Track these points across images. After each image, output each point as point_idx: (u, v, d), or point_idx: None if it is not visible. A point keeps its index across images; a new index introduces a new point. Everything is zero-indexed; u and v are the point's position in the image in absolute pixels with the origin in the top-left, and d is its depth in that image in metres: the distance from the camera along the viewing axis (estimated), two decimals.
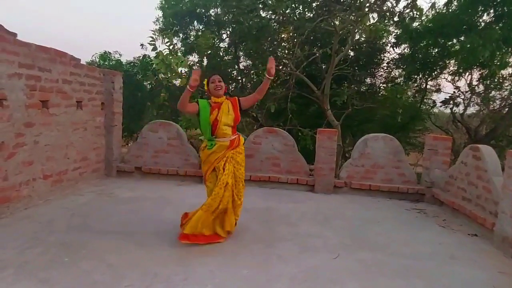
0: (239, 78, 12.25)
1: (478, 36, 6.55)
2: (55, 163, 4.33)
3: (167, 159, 5.54)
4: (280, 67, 10.47)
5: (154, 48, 8.47)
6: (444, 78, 11.00)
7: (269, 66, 3.12)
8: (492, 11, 7.75)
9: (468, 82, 9.75)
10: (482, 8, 7.76)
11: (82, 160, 4.89)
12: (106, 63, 11.59)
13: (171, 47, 8.98)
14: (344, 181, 5.27)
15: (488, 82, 8.45)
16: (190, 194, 4.84)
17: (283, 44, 10.16)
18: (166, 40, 9.01)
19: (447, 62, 9.82)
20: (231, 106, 3.22)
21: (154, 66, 8.26)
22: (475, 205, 4.09)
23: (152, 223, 3.64)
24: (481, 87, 10.00)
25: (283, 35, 8.38)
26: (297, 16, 9.77)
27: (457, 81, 9.61)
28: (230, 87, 12.70)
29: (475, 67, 8.03)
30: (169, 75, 8.17)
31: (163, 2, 12.36)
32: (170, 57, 8.76)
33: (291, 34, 9.07)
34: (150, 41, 8.55)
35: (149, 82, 11.08)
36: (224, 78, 11.52)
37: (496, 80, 8.23)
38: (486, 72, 8.01)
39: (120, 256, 2.89)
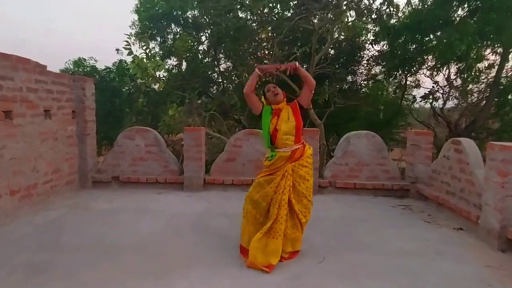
0: (220, 80, 12.09)
1: (454, 30, 6.60)
2: (23, 177, 4.07)
3: (145, 167, 5.32)
4: None
5: (130, 53, 8.22)
6: (423, 73, 11.17)
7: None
8: (466, 5, 7.86)
9: (446, 76, 9.88)
10: (457, 3, 7.86)
11: (53, 173, 4.63)
12: (80, 69, 11.20)
13: (147, 51, 8.76)
14: (328, 181, 5.18)
15: (465, 76, 8.57)
16: (170, 202, 4.65)
17: (263, 44, 10.06)
18: (142, 44, 8.79)
19: (425, 57, 9.96)
20: (291, 111, 2.95)
21: (130, 71, 7.99)
22: (459, 199, 4.07)
23: (129, 236, 3.44)
24: (459, 81, 10.19)
25: (262, 35, 8.29)
26: (276, 16, 9.70)
27: (436, 75, 9.72)
28: (211, 90, 12.53)
29: (452, 61, 8.12)
30: (145, 80, 7.93)
31: (139, 6, 12.07)
32: (147, 62, 8.55)
33: (270, 34, 8.98)
34: (125, 45, 8.30)
35: (126, 87, 10.77)
36: (204, 81, 11.27)
37: (473, 73, 8.35)
38: (463, 66, 8.11)
39: (94, 274, 2.70)
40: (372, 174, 5.20)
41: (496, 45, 7.70)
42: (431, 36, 8.51)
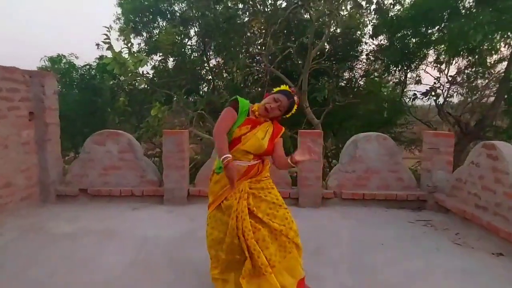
0: (210, 77, 11.31)
1: (467, 19, 5.93)
2: None
3: (119, 177, 4.53)
4: (254, 64, 9.64)
5: (110, 47, 7.42)
6: (422, 69, 10.59)
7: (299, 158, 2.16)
8: None
9: (455, 70, 9.25)
10: None
11: (3, 187, 3.82)
12: (57, 66, 10.30)
13: (129, 44, 7.95)
14: (333, 191, 4.46)
15: (475, 69, 7.92)
16: (146, 221, 3.87)
17: (255, 37, 9.32)
18: (123, 38, 8.01)
19: (427, 51, 9.35)
20: (270, 133, 2.24)
21: (107, 66, 7.17)
22: (494, 215, 3.37)
23: (85, 275, 2.66)
24: (462, 76, 9.58)
25: (253, 26, 7.54)
26: (268, 7, 8.96)
27: (444, 69, 9.06)
28: (201, 87, 11.73)
29: (462, 54, 7.43)
30: (124, 75, 7.12)
31: None
32: (128, 57, 7.76)
33: (262, 26, 8.22)
34: (105, 39, 7.50)
35: (108, 85, 9.94)
36: (192, 78, 10.27)
37: (484, 67, 7.68)
38: (475, 59, 7.44)
39: None
40: (384, 183, 4.49)
41: (509, 36, 7.06)
42: (436, 28, 7.87)
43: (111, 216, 3.99)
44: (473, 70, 8.06)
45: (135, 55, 7.81)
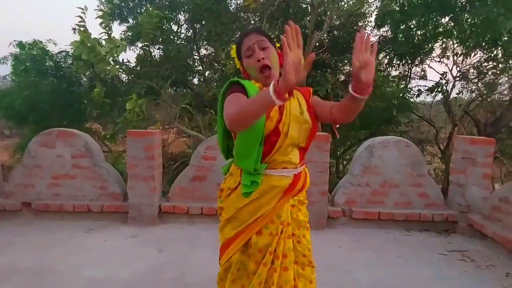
0: (201, 69, 10.34)
1: (495, 4, 5.06)
2: None
3: (73, 189, 3.60)
4: None
5: (81, 31, 6.47)
6: (427, 64, 9.82)
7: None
8: None
9: (462, 64, 8.45)
10: None
11: None
12: (25, 52, 9.26)
13: (106, 29, 6.98)
14: (341, 209, 3.60)
15: (496, 63, 7.11)
16: (100, 251, 2.94)
17: (249, 22, 8.38)
18: (101, 21, 7.03)
19: (433, 44, 8.58)
20: (303, 101, 1.42)
21: (73, 51, 6.21)
22: None
23: None
24: (472, 72, 8.84)
25: (249, 5, 6.58)
26: None
27: (460, 62, 8.24)
28: (190, 79, 10.78)
29: (485, 44, 6.57)
30: (94, 61, 6.16)
31: None
32: (105, 42, 6.82)
33: (258, 7, 7.29)
34: (79, 21, 6.56)
35: (80, 73, 8.94)
36: (180, 68, 9.11)
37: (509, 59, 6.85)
38: (499, 50, 6.59)
39: None
40: (404, 200, 3.64)
41: None
42: (452, 15, 7.02)
43: (54, 243, 3.06)
44: (495, 64, 7.22)
45: (111, 38, 6.87)
